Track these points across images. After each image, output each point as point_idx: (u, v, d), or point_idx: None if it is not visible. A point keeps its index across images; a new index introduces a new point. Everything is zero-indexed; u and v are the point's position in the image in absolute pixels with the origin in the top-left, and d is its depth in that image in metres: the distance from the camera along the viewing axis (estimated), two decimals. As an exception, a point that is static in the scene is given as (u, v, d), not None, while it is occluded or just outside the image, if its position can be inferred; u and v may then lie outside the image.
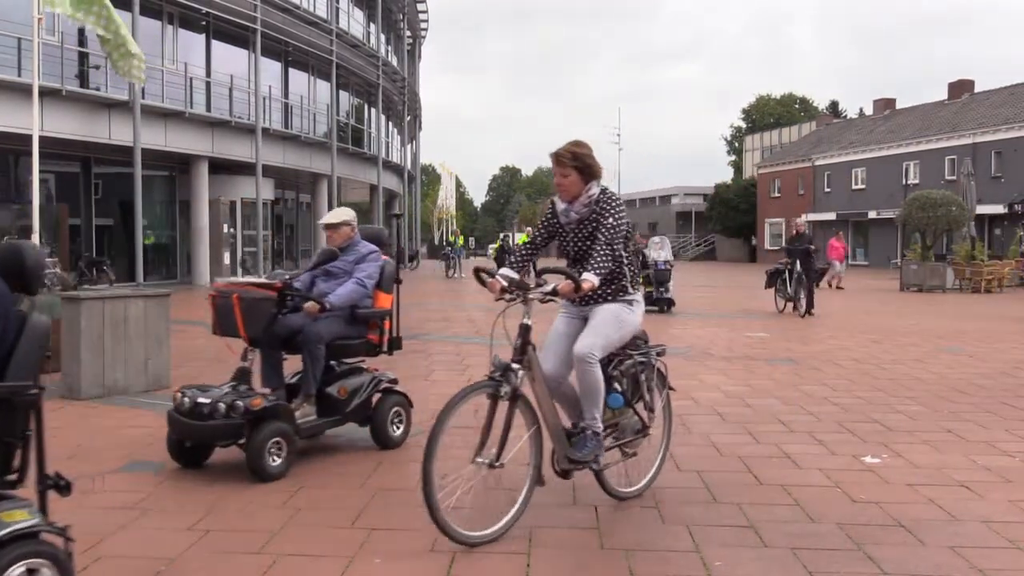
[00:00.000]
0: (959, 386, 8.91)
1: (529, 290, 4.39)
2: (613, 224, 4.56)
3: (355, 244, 6.35)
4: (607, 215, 4.59)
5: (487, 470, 4.21)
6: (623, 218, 4.62)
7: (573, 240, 4.75)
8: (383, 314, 6.36)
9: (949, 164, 45.24)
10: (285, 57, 32.89)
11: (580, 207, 4.65)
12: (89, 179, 25.62)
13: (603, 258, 4.46)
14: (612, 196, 4.66)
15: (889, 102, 59.48)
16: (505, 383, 4.24)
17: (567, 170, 4.62)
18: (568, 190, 4.65)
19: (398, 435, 6.27)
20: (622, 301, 4.71)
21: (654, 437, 5.16)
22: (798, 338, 13.46)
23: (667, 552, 4.11)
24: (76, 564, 3.91)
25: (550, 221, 4.85)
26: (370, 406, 6.15)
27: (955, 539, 4.27)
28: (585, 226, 4.67)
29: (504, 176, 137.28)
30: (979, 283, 26.86)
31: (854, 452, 6.06)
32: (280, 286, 5.72)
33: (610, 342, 4.62)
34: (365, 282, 6.12)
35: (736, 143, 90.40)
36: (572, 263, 4.78)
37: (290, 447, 5.40)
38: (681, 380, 9.25)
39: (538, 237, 4.89)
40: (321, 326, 5.85)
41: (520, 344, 4.34)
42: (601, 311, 4.66)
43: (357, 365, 6.32)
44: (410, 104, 49.17)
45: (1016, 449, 6.17)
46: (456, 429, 4.24)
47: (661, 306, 17.78)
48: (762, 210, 63.54)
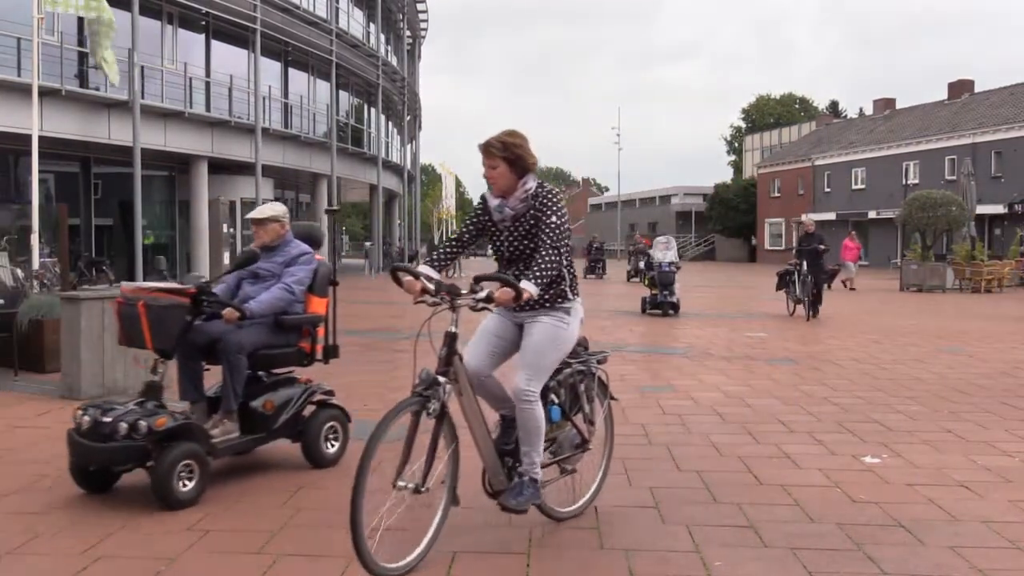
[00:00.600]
0: (959, 386, 8.91)
1: (459, 295, 3.99)
2: (557, 223, 4.16)
3: (286, 244, 5.82)
4: (548, 212, 4.18)
5: (411, 495, 3.85)
6: (566, 216, 4.24)
7: (508, 239, 4.32)
8: (314, 320, 5.83)
9: (949, 164, 45.25)
10: (285, 57, 32.87)
11: (515, 202, 4.24)
12: (89, 179, 25.60)
13: (548, 264, 4.05)
14: (552, 191, 4.27)
15: (889, 102, 59.50)
16: (433, 399, 3.88)
17: (495, 161, 4.22)
18: (497, 183, 4.24)
19: (333, 452, 5.75)
20: (560, 310, 4.29)
21: (594, 452, 4.79)
22: (798, 338, 13.46)
23: (667, 552, 4.11)
24: (77, 565, 3.92)
25: (480, 218, 4.41)
26: (301, 421, 5.64)
27: (955, 539, 4.27)
28: (521, 223, 4.25)
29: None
30: (979, 283, 26.86)
31: (854, 452, 6.06)
32: (193, 292, 5.20)
33: (549, 369, 4.26)
34: (292, 287, 5.61)
35: (736, 143, 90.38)
36: (506, 264, 4.37)
37: (202, 470, 4.85)
38: (681, 380, 9.26)
39: (465, 234, 4.45)
40: (242, 335, 5.34)
41: (445, 354, 3.98)
42: (536, 332, 4.24)
43: (288, 376, 5.81)
44: (410, 104, 49.14)
45: (1016, 449, 6.17)
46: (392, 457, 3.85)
47: (665, 310, 17.18)
48: (762, 210, 63.57)
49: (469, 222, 4.45)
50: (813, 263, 16.67)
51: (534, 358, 4.21)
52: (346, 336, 13.37)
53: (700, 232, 72.70)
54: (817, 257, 16.75)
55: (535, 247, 4.18)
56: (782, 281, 17.79)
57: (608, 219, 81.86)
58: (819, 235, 17.49)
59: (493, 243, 4.41)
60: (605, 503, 4.83)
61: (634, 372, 9.89)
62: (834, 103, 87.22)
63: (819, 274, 16.94)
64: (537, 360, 4.20)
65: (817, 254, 16.77)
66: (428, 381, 3.89)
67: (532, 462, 4.22)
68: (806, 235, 17.45)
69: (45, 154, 15.15)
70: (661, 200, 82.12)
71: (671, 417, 7.26)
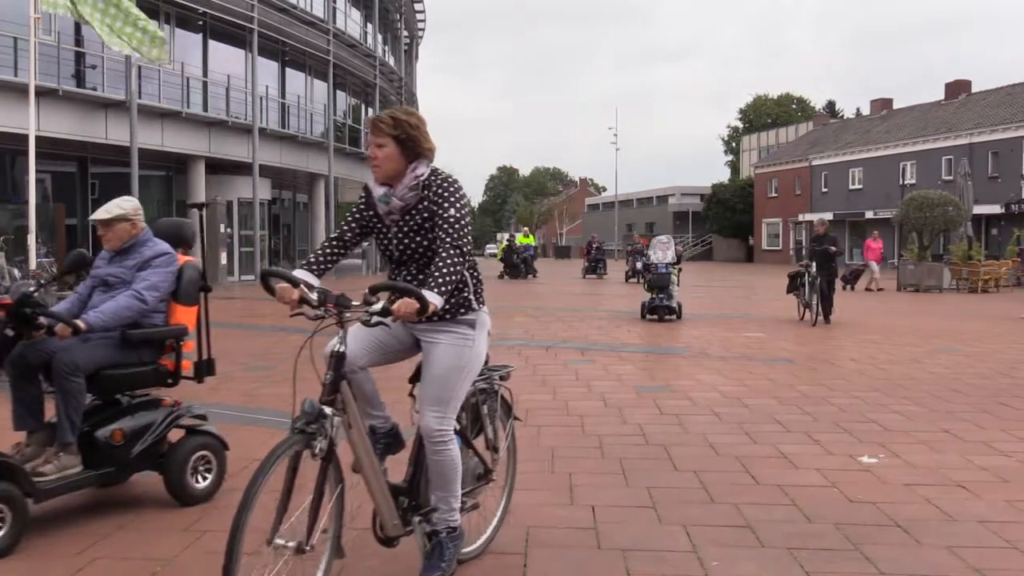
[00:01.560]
0: (956, 386, 8.92)
1: (349, 307, 3.29)
2: (457, 217, 3.50)
3: (140, 244, 4.94)
4: (446, 204, 3.52)
5: (293, 555, 3.14)
6: (466, 209, 3.60)
7: (396, 236, 3.64)
8: (175, 333, 4.96)
9: (946, 164, 45.31)
10: (282, 57, 32.86)
11: (404, 191, 3.56)
12: (86, 179, 25.59)
13: (450, 267, 3.37)
14: (448, 179, 3.61)
15: (886, 102, 59.58)
16: (318, 435, 3.17)
17: (383, 139, 3.56)
18: (382, 166, 3.58)
19: (203, 487, 4.90)
20: (463, 323, 3.63)
21: (496, 481, 4.16)
22: (795, 338, 13.47)
23: (664, 552, 4.11)
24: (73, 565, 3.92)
25: (363, 212, 3.74)
26: (163, 450, 4.84)
27: (952, 539, 4.27)
28: (412, 217, 3.58)
29: (501, 176, 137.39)
30: (976, 283, 26.89)
31: (851, 452, 6.06)
32: (8, 303, 4.54)
33: (460, 398, 3.63)
34: (143, 294, 4.73)
35: (733, 143, 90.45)
36: (395, 267, 3.72)
37: (15, 515, 4.07)
38: (678, 380, 9.27)
39: (347, 232, 3.75)
40: (78, 352, 4.48)
41: (331, 379, 3.28)
42: (438, 357, 3.58)
43: (151, 399, 4.92)
44: (407, 104, 49.14)
45: (1013, 449, 6.17)
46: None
47: (660, 315, 16.01)
48: (759, 210, 63.63)
49: (351, 217, 3.78)
50: (824, 265, 15.70)
51: (440, 390, 3.57)
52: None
53: (697, 232, 72.74)
54: (829, 259, 15.80)
55: (429, 246, 3.56)
56: (793, 284, 16.72)
57: (605, 219, 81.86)
58: (831, 236, 16.56)
59: (379, 242, 3.73)
60: (602, 503, 4.83)
61: (631, 372, 9.89)
62: (831, 103, 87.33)
63: (831, 277, 15.95)
64: (444, 392, 3.57)
65: (828, 256, 15.83)
66: (313, 414, 3.18)
67: (450, 509, 3.64)
68: (817, 236, 16.55)
69: (42, 154, 15.14)
70: (658, 200, 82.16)
71: (668, 417, 7.27)
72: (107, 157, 25.18)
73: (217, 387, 8.07)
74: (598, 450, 6.09)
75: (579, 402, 7.92)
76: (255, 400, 8.03)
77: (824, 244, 16.10)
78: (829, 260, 15.80)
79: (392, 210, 3.61)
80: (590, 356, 11.18)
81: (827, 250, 15.91)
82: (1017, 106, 44.32)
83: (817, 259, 15.79)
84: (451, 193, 3.55)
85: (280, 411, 7.17)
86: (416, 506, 3.67)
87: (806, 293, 15.98)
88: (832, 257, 15.86)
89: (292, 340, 12.68)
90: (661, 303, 16.04)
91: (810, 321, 15.53)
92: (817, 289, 15.57)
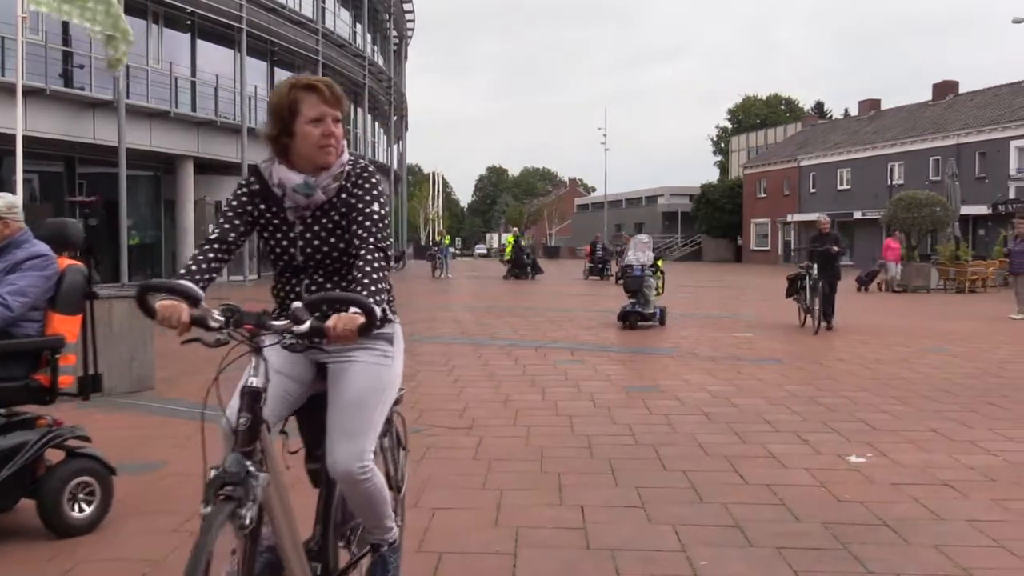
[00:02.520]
0: (944, 385, 8.95)
1: (267, 328, 2.55)
2: (381, 214, 2.91)
3: (15, 246, 4.46)
4: (368, 198, 2.91)
5: None
6: (388, 208, 3.08)
7: (304, 236, 2.95)
8: (50, 344, 4.38)
9: (933, 165, 45.52)
10: (271, 57, 32.79)
11: (328, 181, 2.91)
12: (73, 179, 25.45)
13: (379, 271, 2.75)
14: (370, 168, 3.01)
15: (874, 103, 59.84)
16: (245, 501, 2.41)
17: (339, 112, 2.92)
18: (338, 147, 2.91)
19: (83, 516, 4.34)
20: (380, 339, 2.99)
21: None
22: (784, 338, 13.50)
23: (653, 552, 4.11)
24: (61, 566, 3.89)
25: (252, 205, 2.97)
26: (35, 476, 4.27)
27: (940, 538, 4.28)
28: (326, 214, 2.94)
29: (491, 176, 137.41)
30: (963, 283, 27.01)
31: (839, 452, 6.08)
32: None
33: (378, 426, 3.02)
34: (7, 300, 4.21)
35: (722, 143, 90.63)
36: (293, 274, 3.00)
37: None
38: (667, 380, 9.28)
39: (229, 232, 2.94)
40: None
41: (247, 424, 2.50)
42: (354, 379, 2.95)
43: (25, 418, 4.36)
44: (396, 104, 49.09)
45: (1000, 448, 6.20)
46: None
47: (632, 322, 14.49)
48: (748, 210, 63.81)
49: (231, 212, 2.97)
50: (826, 267, 14.52)
51: (358, 421, 2.92)
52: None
53: (686, 232, 72.88)
54: (831, 260, 14.59)
55: (346, 248, 2.93)
56: (792, 287, 15.36)
57: (594, 219, 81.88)
58: (834, 235, 15.23)
59: (272, 243, 2.99)
60: (592, 503, 4.83)
61: (620, 372, 9.90)
62: (819, 104, 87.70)
63: (833, 280, 14.60)
64: (362, 422, 2.93)
65: (830, 256, 14.59)
66: (239, 473, 2.42)
67: (385, 529, 3.13)
68: (820, 235, 15.10)
69: (29, 154, 15.04)
70: (648, 200, 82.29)
71: (657, 417, 7.27)
72: (95, 157, 25.06)
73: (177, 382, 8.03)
74: (587, 450, 6.10)
75: (568, 402, 7.92)
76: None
77: (826, 244, 14.81)
78: (831, 261, 14.64)
79: (309, 203, 2.92)
80: (579, 356, 11.18)
81: (829, 250, 14.67)
82: (1004, 107, 44.57)
83: (818, 260, 14.64)
84: (373, 186, 2.95)
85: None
86: (327, 572, 3.01)
87: (807, 297, 14.77)
88: (835, 258, 14.68)
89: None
90: (632, 308, 14.58)
91: (812, 328, 14.20)
92: (819, 293, 14.35)
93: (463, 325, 15.50)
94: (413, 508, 4.70)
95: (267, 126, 2.93)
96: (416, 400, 7.93)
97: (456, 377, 9.37)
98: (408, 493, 4.91)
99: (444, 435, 6.55)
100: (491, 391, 8.52)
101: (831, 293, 14.53)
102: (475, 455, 5.93)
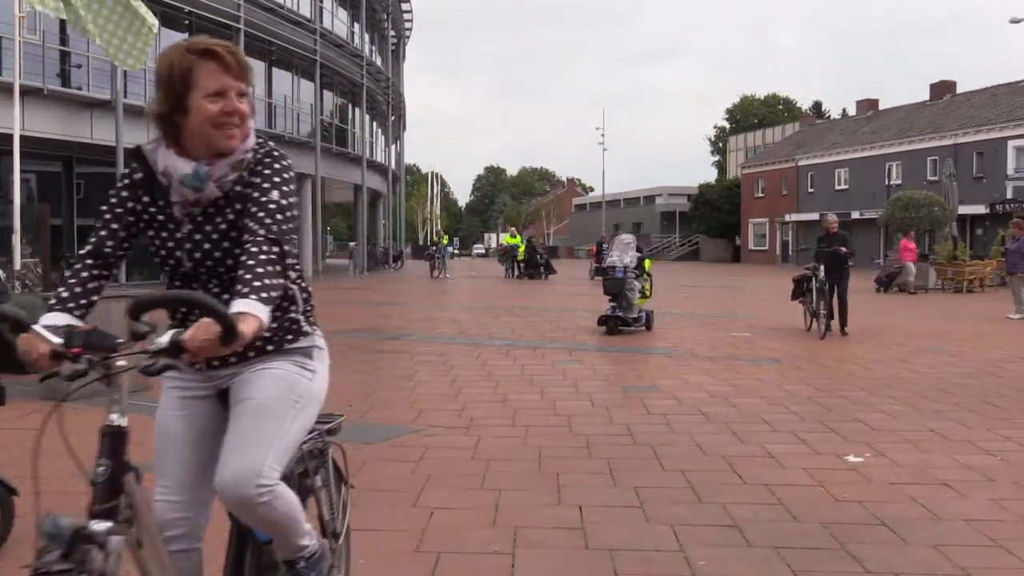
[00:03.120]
0: (942, 385, 8.96)
1: (115, 350, 2.09)
2: (281, 204, 2.36)
3: None
4: (267, 185, 2.38)
5: None
6: (295, 198, 2.45)
7: (193, 238, 2.43)
8: None
9: (931, 165, 45.58)
10: (269, 57, 32.76)
11: (223, 171, 2.39)
12: (71, 179, 25.46)
13: (268, 265, 2.23)
14: (276, 152, 2.48)
15: (872, 103, 59.92)
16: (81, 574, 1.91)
17: (244, 86, 2.41)
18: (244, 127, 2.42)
19: None
20: (295, 353, 2.54)
21: None
22: (782, 338, 13.50)
23: (652, 552, 4.11)
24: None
25: (135, 202, 2.46)
26: None
27: (938, 538, 4.28)
28: (221, 211, 2.41)
29: (489, 176, 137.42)
30: (961, 283, 27.03)
31: (837, 451, 6.08)
32: None
33: (287, 445, 2.46)
34: None
35: (720, 143, 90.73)
36: (183, 282, 2.49)
37: None
38: (665, 380, 9.28)
39: (106, 241, 2.46)
40: None
41: (107, 474, 2.08)
42: (260, 386, 2.46)
43: None
44: (394, 104, 49.09)
45: (998, 448, 6.20)
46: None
47: (609, 326, 13.56)
48: (746, 210, 63.87)
49: (110, 215, 2.47)
50: (834, 268, 13.73)
51: (257, 430, 2.41)
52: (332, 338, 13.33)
53: (684, 232, 72.92)
54: (840, 261, 13.78)
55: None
56: (798, 289, 14.68)
57: (592, 219, 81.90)
58: (843, 235, 14.33)
59: (158, 245, 2.48)
60: (590, 503, 4.83)
61: (619, 372, 9.90)
62: (817, 104, 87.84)
63: (842, 282, 13.81)
64: (263, 432, 2.41)
65: (839, 257, 13.76)
66: (62, 539, 1.94)
67: (299, 547, 2.58)
68: (828, 235, 14.23)
69: (27, 154, 15.04)
70: (646, 200, 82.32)
71: (656, 417, 7.27)
72: (92, 157, 25.05)
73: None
74: (586, 450, 6.09)
75: (567, 402, 7.92)
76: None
77: (833, 244, 13.95)
78: (840, 262, 13.82)
79: (200, 197, 2.40)
80: (578, 356, 11.18)
81: (837, 251, 13.79)
82: (1001, 107, 44.62)
83: (825, 261, 13.84)
84: (277, 172, 2.42)
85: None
86: None
87: (813, 300, 14.02)
88: (843, 259, 13.80)
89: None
90: (613, 313, 13.67)
91: (818, 332, 13.55)
92: (825, 296, 13.64)
93: (462, 325, 15.50)
94: (412, 508, 4.71)
95: (155, 101, 2.39)
96: (415, 400, 7.94)
97: (454, 377, 9.37)
98: (407, 493, 4.95)
99: (442, 435, 6.54)
100: (489, 391, 8.52)
101: (843, 297, 13.78)
102: (473, 455, 5.92)
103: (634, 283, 13.76)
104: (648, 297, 14.41)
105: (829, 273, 13.77)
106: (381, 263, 43.78)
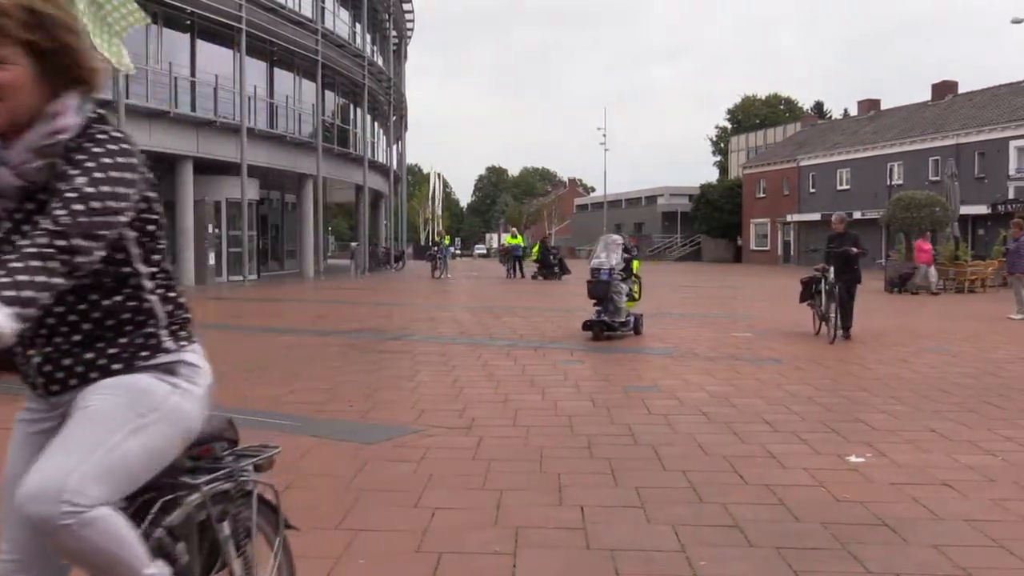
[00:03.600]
0: (942, 385, 8.96)
1: None
2: (86, 192, 1.93)
3: None
4: (76, 173, 1.96)
5: None
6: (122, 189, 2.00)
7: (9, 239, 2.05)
8: None
9: (933, 165, 45.55)
10: (270, 57, 32.79)
11: (22, 156, 2.01)
12: (73, 179, 25.47)
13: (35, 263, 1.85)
14: (112, 133, 2.08)
15: (873, 103, 59.88)
16: None
17: (5, 47, 1.94)
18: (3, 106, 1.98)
19: None
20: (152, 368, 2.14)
21: None
22: (783, 338, 13.49)
23: (653, 552, 4.11)
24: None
25: None
26: None
27: (939, 538, 4.29)
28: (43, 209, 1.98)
29: (490, 176, 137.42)
30: (962, 283, 27.01)
31: (838, 451, 6.08)
32: None
33: (119, 466, 1.99)
34: None
35: (722, 143, 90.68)
36: None
37: None
38: (666, 380, 9.28)
39: None
40: None
41: None
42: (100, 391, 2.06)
43: None
44: (396, 104, 49.09)
45: (999, 448, 6.20)
46: None
47: (594, 331, 12.89)
48: (747, 211, 63.85)
49: None
50: (844, 269, 13.28)
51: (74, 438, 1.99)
52: (332, 337, 13.39)
53: (686, 233, 72.91)
54: (849, 261, 13.31)
55: None
56: (807, 291, 14.04)
57: (594, 219, 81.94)
58: (852, 235, 13.90)
59: None
60: (591, 503, 4.83)
61: (619, 372, 9.91)
62: (819, 104, 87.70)
63: (851, 283, 13.38)
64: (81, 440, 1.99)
65: (849, 258, 13.28)
66: None
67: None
68: (835, 235, 13.86)
69: (28, 154, 15.05)
70: (647, 200, 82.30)
71: (657, 417, 7.27)
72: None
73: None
74: (587, 450, 6.10)
75: (568, 402, 7.92)
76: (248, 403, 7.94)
77: (843, 244, 13.52)
78: (850, 263, 13.33)
79: (4, 191, 2.04)
80: (579, 356, 11.19)
81: (847, 251, 13.33)
82: (1003, 107, 44.60)
83: (835, 262, 13.38)
84: (94, 156, 1.99)
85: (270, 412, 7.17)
86: None
87: (822, 303, 13.53)
88: (854, 259, 13.30)
89: (283, 340, 12.66)
90: (599, 317, 12.97)
91: (827, 336, 13.03)
92: (835, 298, 13.18)
93: (463, 325, 15.50)
94: (413, 508, 4.71)
95: None
96: (415, 400, 7.94)
97: (455, 377, 9.37)
98: (408, 493, 4.95)
99: (444, 435, 6.55)
100: (491, 391, 8.53)
101: (849, 299, 13.31)
102: (474, 455, 5.93)
103: (620, 286, 13.04)
104: (637, 300, 13.81)
105: (839, 274, 13.31)
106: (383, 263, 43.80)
